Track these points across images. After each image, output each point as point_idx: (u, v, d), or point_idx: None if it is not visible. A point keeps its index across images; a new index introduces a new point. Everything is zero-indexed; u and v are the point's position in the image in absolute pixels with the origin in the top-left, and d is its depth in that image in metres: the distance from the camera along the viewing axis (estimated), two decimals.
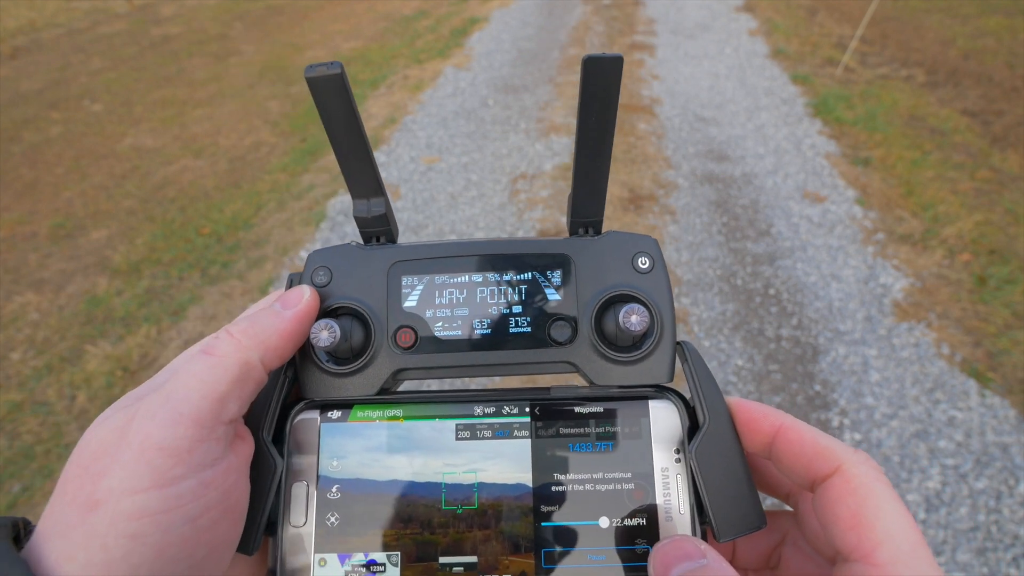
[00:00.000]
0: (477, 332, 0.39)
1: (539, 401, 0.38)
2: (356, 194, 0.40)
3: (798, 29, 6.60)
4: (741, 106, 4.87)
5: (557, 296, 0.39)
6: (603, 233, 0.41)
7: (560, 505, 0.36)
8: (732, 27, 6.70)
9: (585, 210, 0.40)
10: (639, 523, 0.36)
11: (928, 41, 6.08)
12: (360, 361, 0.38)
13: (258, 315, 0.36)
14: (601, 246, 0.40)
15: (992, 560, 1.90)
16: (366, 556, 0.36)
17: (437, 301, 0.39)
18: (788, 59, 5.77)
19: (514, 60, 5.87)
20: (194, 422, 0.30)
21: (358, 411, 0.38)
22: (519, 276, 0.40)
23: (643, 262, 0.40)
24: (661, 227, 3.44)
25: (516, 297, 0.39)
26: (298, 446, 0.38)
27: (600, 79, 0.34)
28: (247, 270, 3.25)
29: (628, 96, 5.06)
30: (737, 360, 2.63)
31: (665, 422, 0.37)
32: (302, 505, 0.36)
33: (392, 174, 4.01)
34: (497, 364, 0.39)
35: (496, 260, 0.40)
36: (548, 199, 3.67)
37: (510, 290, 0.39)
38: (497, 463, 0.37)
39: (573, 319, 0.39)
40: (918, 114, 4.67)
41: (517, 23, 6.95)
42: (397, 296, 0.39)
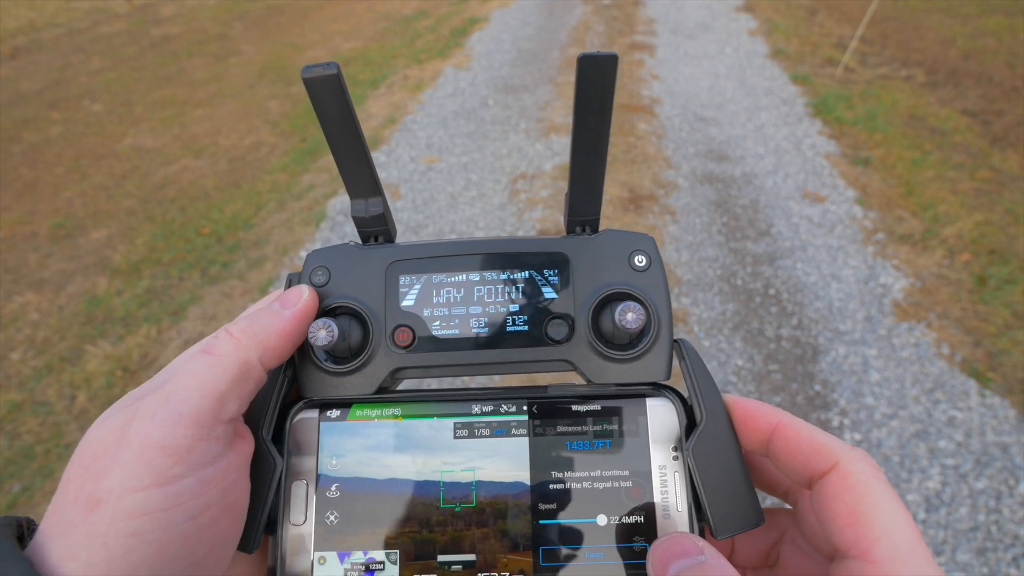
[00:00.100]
0: (474, 331, 0.39)
1: (537, 399, 0.38)
2: (354, 194, 0.40)
3: (798, 29, 6.60)
4: (741, 106, 4.87)
5: (554, 295, 0.39)
6: (600, 231, 0.41)
7: (558, 503, 0.36)
8: (732, 27, 6.70)
9: (582, 209, 0.40)
10: (637, 521, 0.36)
11: (928, 41, 6.08)
12: (358, 360, 0.38)
13: (257, 315, 0.36)
14: (598, 244, 0.40)
15: (992, 560, 1.90)
16: (365, 554, 0.36)
17: (435, 300, 0.39)
18: (788, 59, 5.77)
19: (514, 60, 5.87)
20: (194, 421, 0.31)
21: (357, 410, 0.38)
22: (516, 275, 0.40)
23: (640, 260, 0.40)
24: (661, 227, 3.44)
25: (513, 296, 0.39)
26: (297, 445, 0.38)
27: (595, 78, 0.34)
28: (247, 270, 3.25)
29: (628, 96, 5.06)
30: (737, 360, 2.63)
31: (662, 420, 0.37)
32: (302, 503, 0.37)
33: (392, 174, 4.01)
34: (494, 363, 0.39)
35: (493, 259, 0.40)
36: (548, 199, 3.66)
37: (507, 289, 0.39)
38: (495, 461, 0.37)
39: (570, 317, 0.39)
40: (918, 114, 4.66)
41: (517, 23, 6.95)
42: (395, 295, 0.40)
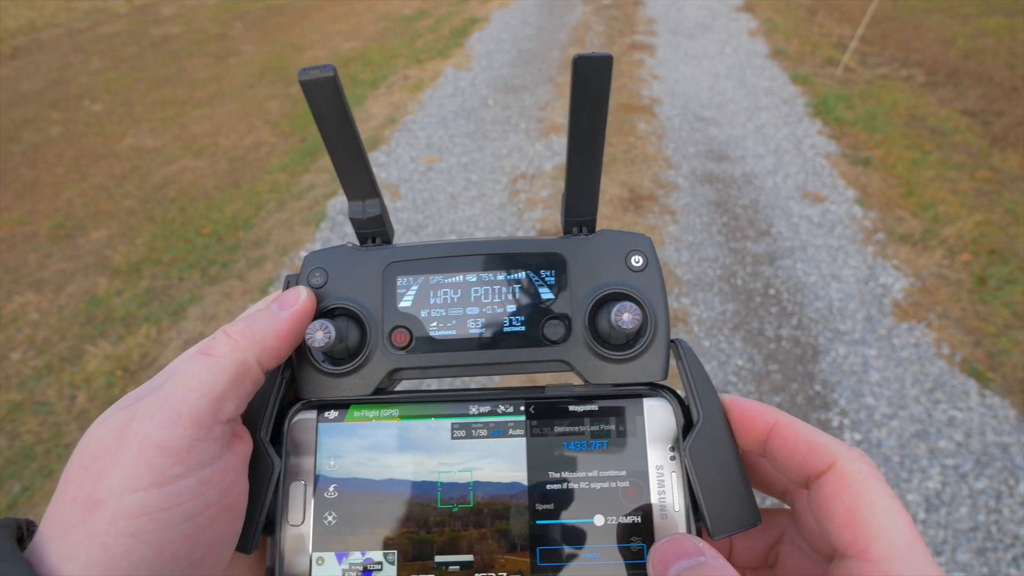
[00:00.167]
0: (472, 331, 0.39)
1: (534, 400, 0.38)
2: (351, 196, 0.40)
3: (798, 29, 6.60)
4: (741, 106, 4.87)
5: (551, 295, 0.39)
6: (597, 232, 0.41)
7: (555, 503, 0.36)
8: (732, 27, 6.70)
9: (578, 209, 0.40)
10: (634, 521, 0.36)
11: (928, 41, 6.07)
12: (356, 361, 0.39)
13: (255, 316, 0.36)
14: (594, 245, 0.40)
15: (992, 560, 1.90)
16: (363, 555, 0.36)
17: (432, 301, 0.39)
18: (788, 59, 5.77)
19: (514, 60, 5.87)
20: (192, 422, 0.31)
21: (355, 411, 0.39)
22: (513, 275, 0.40)
23: (636, 260, 0.40)
24: (661, 227, 3.44)
25: (510, 296, 0.39)
26: (296, 446, 0.38)
27: (590, 78, 0.34)
28: (247, 270, 3.25)
29: (628, 96, 5.06)
30: (737, 360, 2.63)
31: (659, 420, 0.37)
32: (300, 504, 0.37)
33: (392, 174, 4.01)
34: (491, 363, 0.39)
35: (490, 260, 0.40)
36: (548, 199, 3.66)
37: (504, 289, 0.39)
38: (492, 462, 0.37)
39: (567, 318, 0.39)
40: (918, 114, 4.66)
41: (517, 23, 6.95)
42: (392, 296, 0.40)
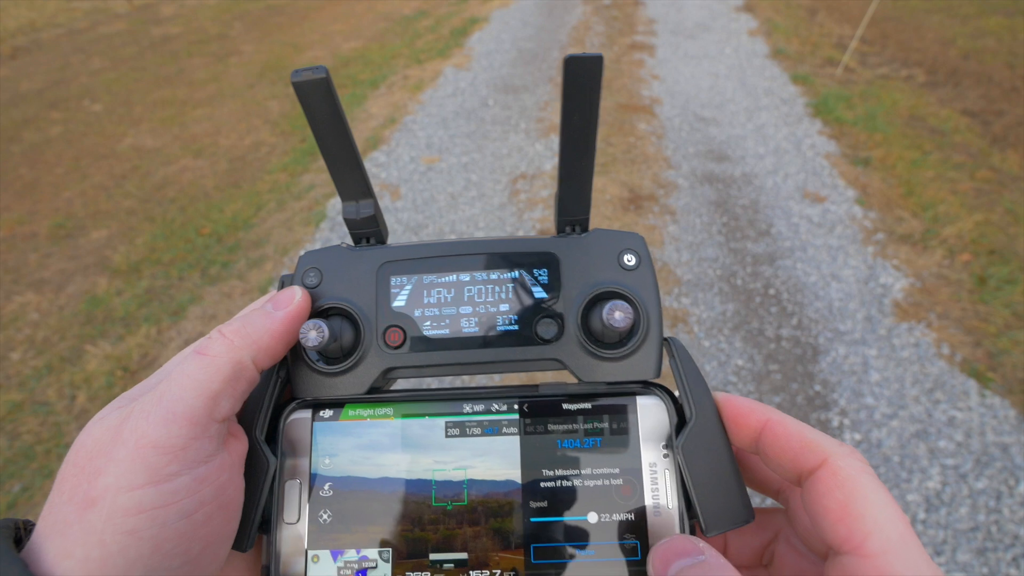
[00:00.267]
0: (465, 330, 0.39)
1: (527, 398, 0.39)
2: (345, 196, 0.40)
3: (798, 29, 6.60)
4: (741, 106, 4.87)
5: (544, 294, 0.39)
6: (590, 231, 0.41)
7: (549, 501, 0.36)
8: (732, 27, 6.70)
9: (571, 208, 0.40)
10: (627, 518, 0.36)
11: (928, 41, 6.07)
12: (350, 360, 0.39)
13: (250, 316, 0.36)
14: (587, 244, 0.40)
15: (992, 560, 1.90)
16: (358, 552, 0.36)
17: (425, 300, 0.40)
18: (788, 59, 5.76)
19: (514, 60, 5.87)
20: (188, 420, 0.31)
21: (349, 410, 0.39)
22: (506, 275, 0.40)
23: (629, 259, 0.40)
24: (661, 227, 3.44)
25: (503, 295, 0.40)
26: (291, 445, 0.38)
27: (581, 78, 0.34)
28: (247, 270, 3.25)
29: (628, 96, 5.06)
30: (737, 360, 2.63)
31: (653, 418, 0.38)
32: (295, 503, 0.37)
33: (392, 174, 4.01)
34: (485, 362, 0.39)
35: (483, 259, 0.40)
36: (548, 199, 3.66)
37: (497, 289, 0.40)
38: (486, 460, 0.37)
39: (560, 316, 0.39)
40: (918, 114, 4.66)
41: (517, 23, 6.95)
42: (386, 296, 0.40)
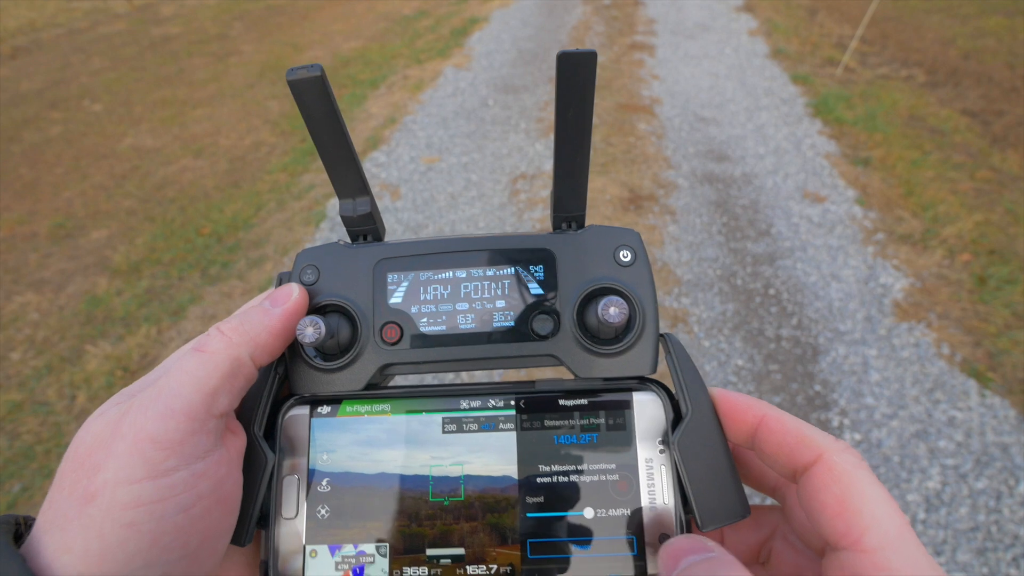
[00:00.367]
0: (461, 327, 0.39)
1: (524, 394, 0.39)
2: (342, 194, 0.41)
3: (798, 29, 6.60)
4: (741, 106, 4.87)
5: (540, 290, 0.40)
6: (586, 227, 0.41)
7: (545, 497, 0.37)
8: (732, 27, 6.70)
9: (567, 205, 0.40)
10: (624, 513, 0.36)
11: (928, 41, 6.08)
12: (347, 357, 0.39)
13: (248, 313, 0.36)
14: (583, 240, 0.40)
15: (992, 560, 1.90)
16: (356, 547, 0.36)
17: (422, 297, 0.40)
18: (788, 59, 5.77)
19: (514, 60, 5.87)
20: (186, 416, 0.31)
21: (347, 406, 0.39)
22: (502, 271, 0.40)
23: (625, 255, 0.40)
24: (661, 227, 3.44)
25: (499, 292, 0.40)
26: (289, 441, 0.38)
27: (575, 75, 0.34)
28: (247, 270, 3.25)
29: (628, 96, 5.06)
30: (737, 360, 2.63)
31: (649, 414, 0.38)
32: (293, 498, 0.37)
33: (392, 174, 4.01)
34: (481, 358, 0.39)
35: (480, 256, 0.40)
36: (548, 199, 3.66)
37: (494, 285, 0.40)
38: (483, 456, 0.37)
39: (556, 312, 0.39)
40: (918, 114, 4.66)
41: (517, 23, 6.95)
42: (383, 293, 0.40)
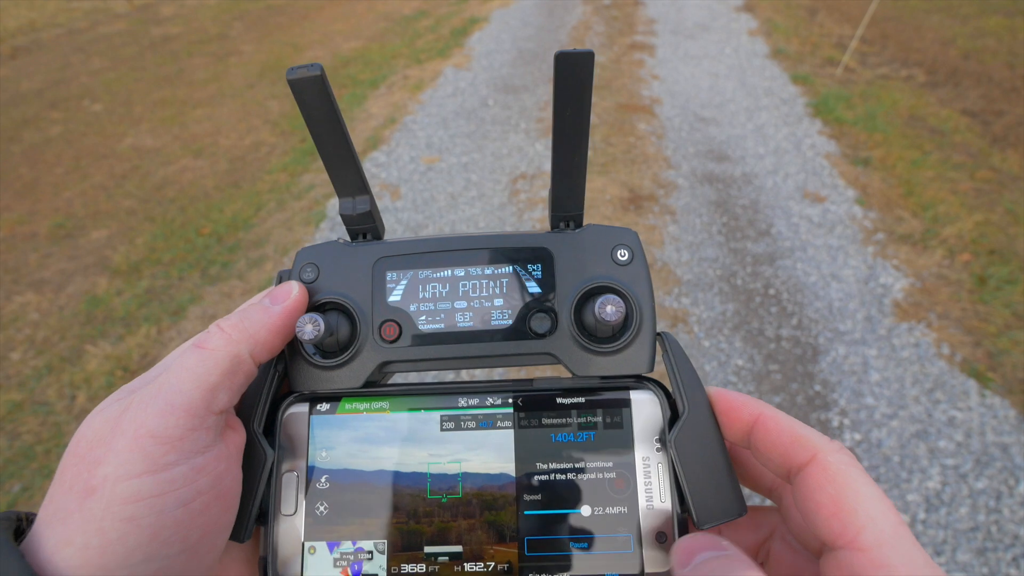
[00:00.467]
0: (460, 325, 0.40)
1: (522, 392, 0.39)
2: (341, 193, 0.41)
3: (798, 29, 6.60)
4: (741, 106, 4.87)
5: (538, 289, 0.40)
6: (583, 227, 0.41)
7: (543, 494, 0.37)
8: (732, 27, 6.70)
9: (565, 204, 0.41)
10: (621, 511, 0.36)
11: (928, 41, 6.08)
12: (346, 354, 0.39)
13: (248, 310, 0.37)
14: (581, 239, 0.41)
15: (992, 560, 1.90)
16: (354, 544, 0.36)
17: (421, 295, 0.40)
18: (788, 59, 5.77)
19: (514, 60, 5.87)
20: (186, 411, 0.31)
21: (346, 403, 0.39)
22: (501, 270, 0.40)
23: (622, 254, 0.40)
24: (661, 227, 3.44)
25: (498, 290, 0.40)
26: (288, 438, 0.39)
27: (573, 74, 0.34)
28: (247, 270, 3.25)
29: (628, 96, 5.06)
30: (737, 360, 2.63)
31: (646, 412, 0.38)
32: (292, 495, 0.37)
33: (392, 174, 4.01)
34: (479, 356, 0.39)
35: (478, 254, 0.41)
36: (547, 198, 3.66)
37: (492, 283, 0.40)
38: (481, 453, 0.38)
39: (553, 311, 0.39)
40: (918, 114, 4.66)
41: (517, 23, 6.96)
42: (382, 291, 0.40)
